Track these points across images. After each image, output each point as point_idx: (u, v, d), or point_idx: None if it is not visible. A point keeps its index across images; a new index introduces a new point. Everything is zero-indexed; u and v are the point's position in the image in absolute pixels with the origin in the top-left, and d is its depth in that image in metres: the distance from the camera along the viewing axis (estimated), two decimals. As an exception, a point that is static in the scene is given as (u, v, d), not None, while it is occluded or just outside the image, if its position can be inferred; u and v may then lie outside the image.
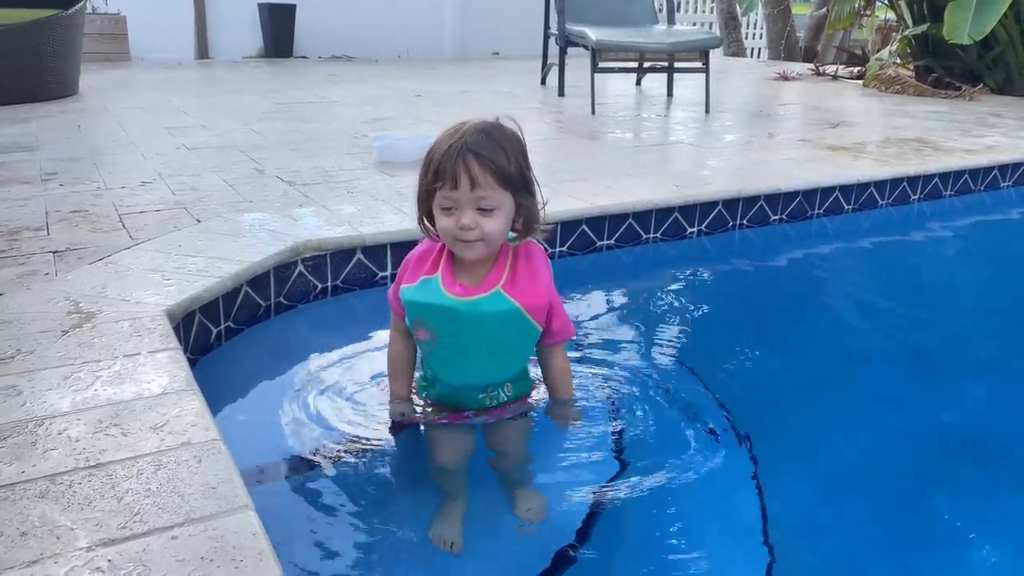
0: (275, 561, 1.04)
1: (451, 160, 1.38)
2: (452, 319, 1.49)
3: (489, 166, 1.39)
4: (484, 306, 1.48)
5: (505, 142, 1.42)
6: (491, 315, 1.48)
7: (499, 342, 1.53)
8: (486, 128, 1.42)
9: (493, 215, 1.42)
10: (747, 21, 13.27)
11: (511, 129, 1.46)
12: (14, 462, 1.22)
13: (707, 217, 3.17)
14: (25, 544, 1.04)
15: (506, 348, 1.56)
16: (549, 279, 1.55)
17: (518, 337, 1.55)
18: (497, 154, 1.40)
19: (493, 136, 1.41)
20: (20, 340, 1.64)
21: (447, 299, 1.49)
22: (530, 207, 1.47)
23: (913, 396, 2.14)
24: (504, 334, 1.52)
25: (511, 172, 1.41)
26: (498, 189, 1.40)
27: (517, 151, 1.44)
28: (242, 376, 1.95)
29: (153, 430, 1.32)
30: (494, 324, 1.49)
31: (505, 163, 1.40)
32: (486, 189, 1.39)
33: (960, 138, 4.70)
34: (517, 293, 1.49)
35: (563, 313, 1.59)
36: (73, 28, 5.44)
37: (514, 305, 1.48)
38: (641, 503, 1.56)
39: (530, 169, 1.47)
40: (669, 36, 5.78)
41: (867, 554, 1.49)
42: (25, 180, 3.06)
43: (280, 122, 4.71)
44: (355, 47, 9.62)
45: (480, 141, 1.39)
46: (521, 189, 1.44)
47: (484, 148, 1.39)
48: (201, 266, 2.12)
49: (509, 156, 1.41)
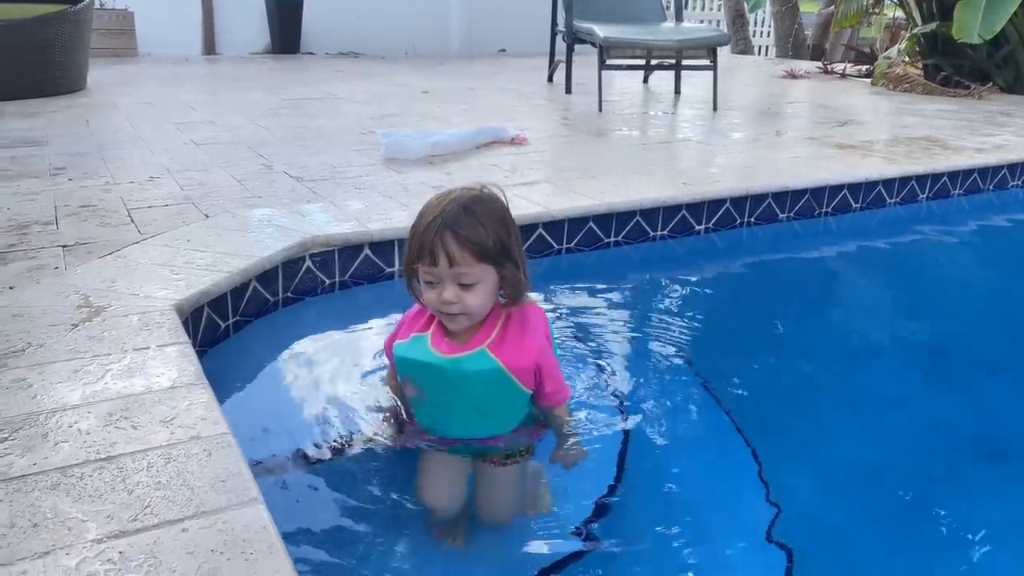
0: (285, 554, 1.04)
1: (430, 237, 1.38)
2: (436, 376, 1.49)
3: (467, 244, 1.37)
4: (467, 364, 1.46)
5: (485, 216, 1.40)
6: (473, 374, 1.46)
7: (483, 401, 1.51)
8: (466, 202, 1.41)
9: (474, 289, 1.41)
10: (754, 19, 13.23)
11: (493, 200, 1.44)
12: (26, 454, 1.22)
13: (715, 215, 3.17)
14: (37, 535, 1.05)
15: (491, 408, 1.53)
16: (541, 341, 1.52)
17: (503, 397, 1.51)
18: (475, 231, 1.38)
19: (473, 211, 1.40)
20: (30, 333, 1.64)
21: (433, 356, 1.48)
22: (514, 276, 1.45)
23: (921, 395, 2.13)
24: (487, 393, 1.50)
25: (489, 248, 1.39)
26: (477, 265, 1.39)
27: (498, 224, 1.42)
28: (250, 370, 1.95)
29: (163, 423, 1.32)
30: (477, 383, 1.48)
31: (483, 239, 1.39)
32: (465, 266, 1.39)
33: (969, 137, 4.69)
34: (502, 353, 1.47)
35: (557, 376, 1.56)
36: (81, 23, 5.45)
37: (497, 364, 1.46)
38: (646, 501, 1.57)
39: (513, 237, 1.45)
40: (677, 33, 5.76)
41: (876, 553, 1.49)
42: (34, 175, 3.07)
43: (287, 118, 4.71)
44: (362, 44, 9.61)
45: (459, 218, 1.38)
46: (502, 262, 1.42)
47: (462, 225, 1.38)
48: (210, 261, 2.13)
49: (488, 231, 1.39)
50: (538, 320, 1.54)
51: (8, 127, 4.08)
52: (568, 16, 5.95)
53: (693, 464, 1.71)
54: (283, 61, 8.58)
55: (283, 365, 1.98)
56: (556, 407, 1.58)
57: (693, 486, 1.63)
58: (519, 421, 1.57)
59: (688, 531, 1.50)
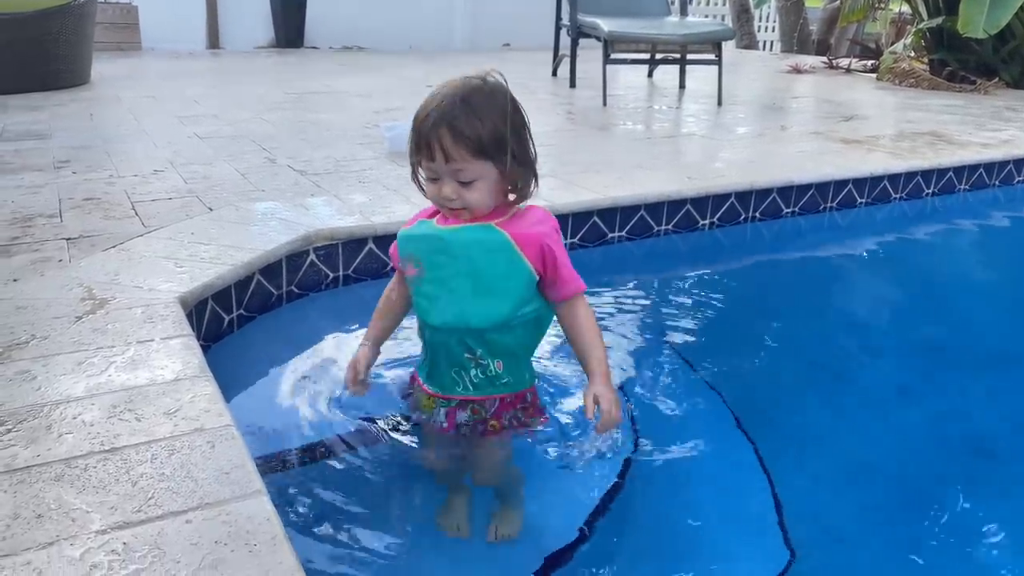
0: (288, 546, 1.04)
1: (426, 131, 1.33)
2: (437, 248, 1.42)
3: (462, 139, 1.31)
4: (470, 232, 1.40)
5: (484, 109, 1.33)
6: (475, 242, 1.39)
7: (483, 274, 1.40)
8: (465, 93, 1.34)
9: (473, 186, 1.35)
10: (759, 13, 13.19)
11: (495, 90, 1.36)
12: (30, 445, 1.22)
13: (719, 209, 3.16)
14: (41, 526, 1.05)
15: (490, 283, 1.41)
16: (550, 231, 1.42)
17: (505, 272, 1.40)
18: (471, 124, 1.31)
19: (471, 103, 1.33)
20: (35, 325, 1.64)
21: (435, 229, 1.43)
22: (516, 171, 1.38)
23: (924, 392, 2.13)
24: (489, 266, 1.40)
25: (485, 142, 1.32)
26: (474, 161, 1.33)
27: (496, 117, 1.33)
28: (254, 363, 1.95)
29: (167, 415, 1.32)
30: (479, 252, 1.40)
31: (479, 134, 1.31)
32: (460, 162, 1.33)
33: (975, 132, 4.67)
34: (508, 227, 1.40)
35: (568, 265, 1.43)
36: (85, 17, 5.45)
37: (502, 234, 1.39)
38: (648, 498, 1.56)
39: (514, 129, 1.36)
40: (682, 28, 5.74)
41: (877, 551, 1.48)
42: (38, 168, 3.07)
43: (291, 112, 4.71)
44: (366, 38, 9.61)
45: (454, 110, 1.31)
46: (500, 157, 1.34)
47: (458, 118, 1.31)
48: (213, 254, 2.13)
49: (484, 125, 1.32)
50: (548, 219, 1.46)
51: (12, 120, 4.08)
52: (572, 10, 5.94)
53: (695, 461, 1.71)
54: (287, 55, 8.57)
55: (287, 359, 1.98)
56: (572, 300, 1.46)
57: (695, 482, 1.63)
58: (520, 315, 1.44)
59: (690, 528, 1.50)
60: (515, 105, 1.39)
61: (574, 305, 1.46)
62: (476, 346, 1.46)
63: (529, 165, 1.41)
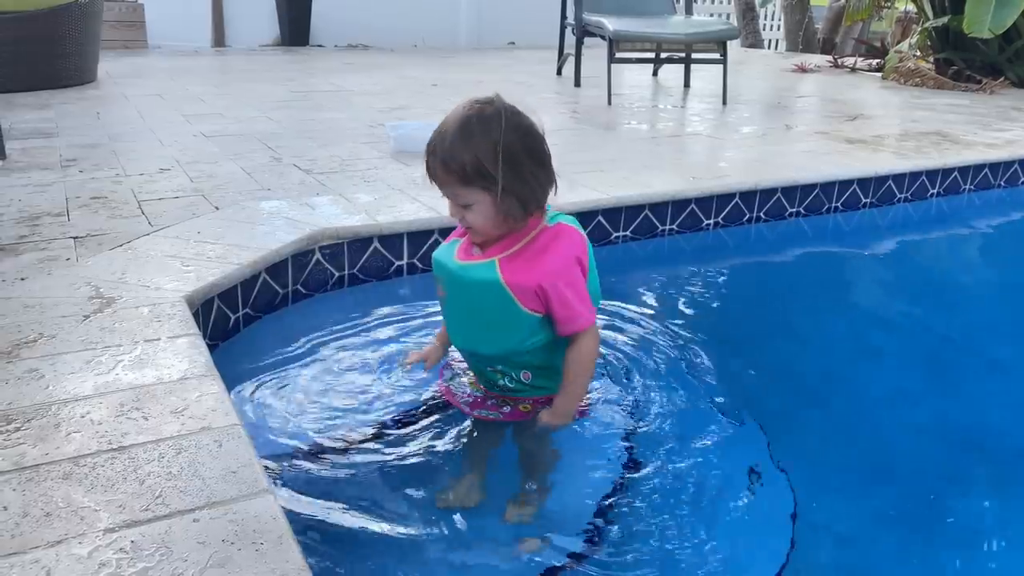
0: (295, 545, 1.05)
1: (427, 159, 1.41)
2: (451, 280, 1.51)
3: (451, 168, 1.37)
4: (472, 273, 1.46)
5: (475, 138, 1.36)
6: (473, 283, 1.46)
7: (479, 313, 1.49)
8: (463, 120, 1.38)
9: (472, 209, 1.41)
10: (764, 12, 13.17)
11: (490, 117, 1.38)
12: (38, 444, 1.23)
13: (724, 209, 3.16)
14: (50, 524, 1.06)
15: (488, 321, 1.49)
16: (557, 263, 1.44)
17: (500, 313, 1.46)
18: (457, 155, 1.36)
19: (465, 131, 1.36)
20: (43, 324, 1.65)
21: (451, 261, 1.51)
22: (518, 195, 1.39)
23: (932, 392, 2.13)
24: (484, 306, 1.47)
25: (469, 172, 1.36)
26: (463, 188, 1.39)
27: (485, 145, 1.36)
28: (260, 362, 1.96)
29: (174, 414, 1.33)
30: (475, 293, 1.47)
31: (463, 163, 1.36)
32: (453, 188, 1.40)
33: (981, 132, 4.66)
34: (508, 268, 1.43)
35: (572, 303, 1.45)
36: (92, 15, 5.46)
37: (497, 278, 1.43)
38: (656, 497, 1.57)
39: (513, 155, 1.37)
40: (687, 27, 5.74)
41: (883, 550, 1.49)
42: (45, 166, 3.09)
43: (297, 110, 4.72)
44: (371, 36, 9.61)
45: (446, 140, 1.37)
46: (488, 184, 1.37)
47: (449, 148, 1.36)
48: (220, 253, 2.14)
49: (469, 154, 1.36)
50: (569, 242, 1.47)
51: (19, 118, 4.10)
52: (578, 9, 5.94)
53: (700, 461, 1.71)
54: (292, 53, 8.58)
55: (293, 357, 1.99)
56: (571, 339, 1.49)
57: (700, 482, 1.63)
58: (530, 345, 1.50)
59: (695, 528, 1.50)
60: (522, 132, 1.40)
61: (574, 340, 1.50)
62: (496, 364, 1.57)
63: (526, 194, 1.41)
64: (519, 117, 1.41)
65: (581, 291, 1.47)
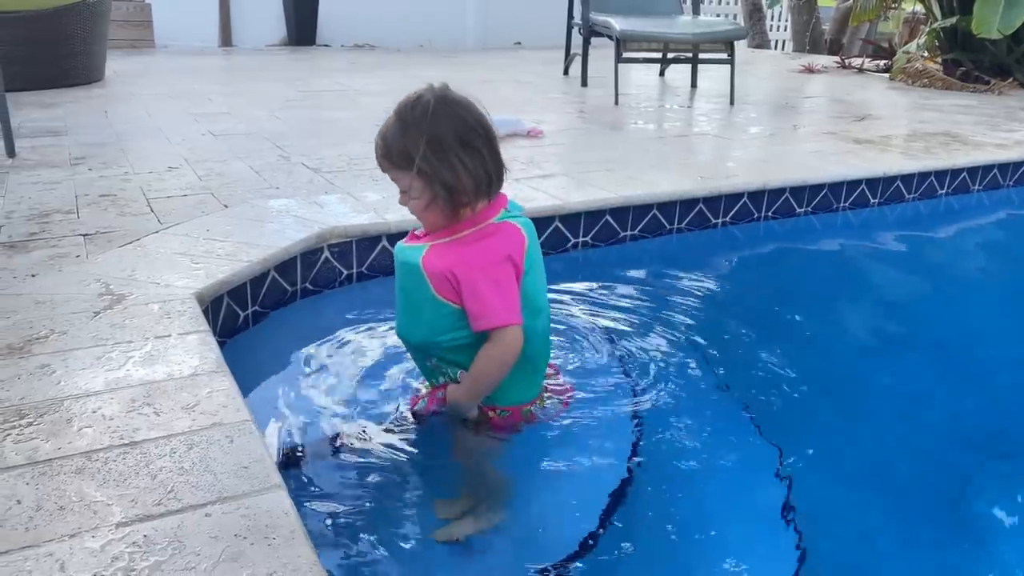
0: (307, 540, 1.05)
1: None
2: (394, 262, 1.58)
3: (384, 153, 1.45)
4: (404, 253, 1.53)
5: (408, 123, 1.41)
6: (401, 264, 1.54)
7: (403, 294, 1.56)
8: (399, 109, 1.44)
9: (410, 194, 1.46)
10: (772, 13, 13.15)
11: (420, 104, 1.41)
12: (51, 439, 1.24)
13: (732, 209, 3.16)
14: (63, 518, 1.06)
15: (408, 304, 1.55)
16: (477, 255, 1.44)
17: (416, 295, 1.49)
18: (392, 140, 1.43)
19: (402, 117, 1.43)
20: (54, 320, 1.66)
21: (399, 244, 1.58)
22: (444, 181, 1.41)
23: (937, 391, 2.12)
24: (406, 287, 1.54)
25: (393, 154, 1.43)
26: (400, 172, 1.45)
27: (412, 132, 1.40)
28: (269, 358, 1.96)
29: (185, 410, 1.34)
30: (402, 273, 1.54)
31: (389, 146, 1.43)
32: (392, 172, 1.47)
33: (989, 132, 4.65)
34: (433, 253, 1.47)
35: (486, 297, 1.43)
36: (100, 15, 5.48)
37: (417, 261, 1.47)
38: (659, 497, 1.57)
39: (439, 142, 1.39)
40: (694, 27, 5.73)
41: (891, 549, 1.48)
42: (54, 164, 3.10)
43: (304, 110, 4.73)
44: (378, 36, 9.63)
45: (386, 128, 1.45)
46: (410, 169, 1.41)
47: (385, 134, 1.44)
48: (229, 251, 2.14)
49: (397, 139, 1.41)
50: (502, 239, 1.47)
51: (28, 117, 4.11)
52: (584, 9, 5.94)
53: (708, 459, 1.71)
54: (299, 53, 8.60)
55: (302, 354, 1.99)
56: (487, 334, 1.46)
57: (707, 481, 1.63)
58: (450, 340, 1.51)
59: (702, 528, 1.50)
60: (452, 119, 1.42)
61: (488, 339, 1.47)
62: (430, 356, 1.59)
63: (451, 181, 1.41)
64: (453, 106, 1.42)
65: (504, 289, 1.45)
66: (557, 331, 2.19)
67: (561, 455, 1.64)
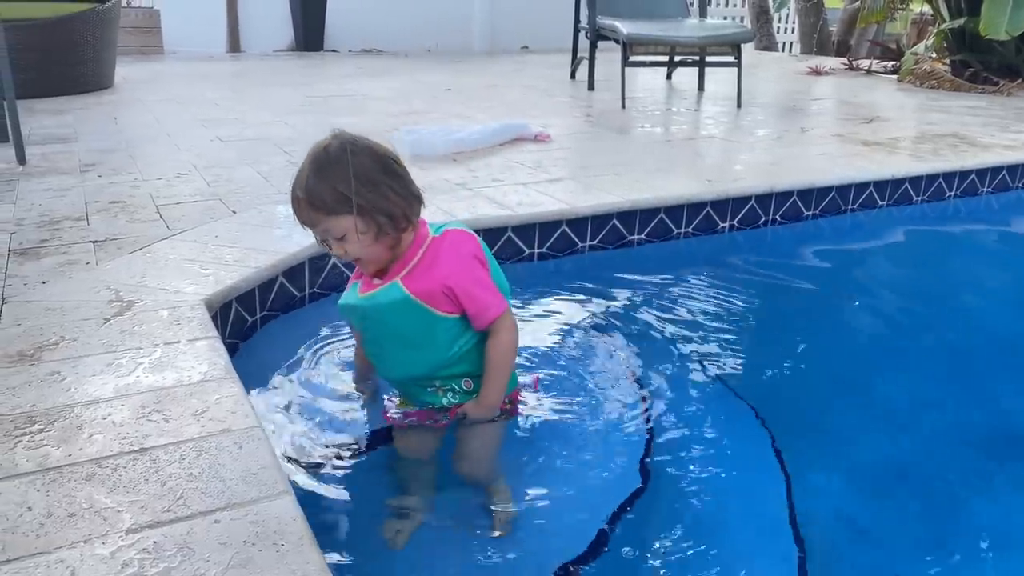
0: (315, 546, 1.05)
1: (293, 206, 1.47)
2: (362, 316, 1.56)
3: (315, 204, 1.43)
4: (379, 298, 1.52)
5: (326, 172, 1.43)
6: (385, 306, 1.51)
7: (404, 333, 1.54)
8: (313, 159, 1.45)
9: (346, 239, 1.46)
10: (778, 15, 13.12)
11: (335, 153, 1.44)
12: (61, 445, 1.25)
13: (739, 212, 3.15)
14: (73, 525, 1.07)
15: (414, 339, 1.54)
16: (454, 263, 1.51)
17: (422, 326, 1.51)
18: (319, 189, 1.42)
19: (319, 165, 1.43)
20: (64, 327, 1.67)
21: (356, 298, 1.56)
22: (383, 211, 1.45)
23: (948, 394, 2.11)
24: (404, 324, 1.52)
25: (328, 202, 1.42)
26: (333, 219, 1.44)
27: (336, 176, 1.42)
28: (278, 363, 1.97)
29: (194, 416, 1.34)
30: (390, 315, 1.51)
31: (322, 196, 1.42)
32: (323, 224, 1.45)
33: (998, 134, 4.63)
34: (411, 281, 1.50)
35: (479, 296, 1.51)
36: (109, 22, 5.52)
37: (404, 293, 1.49)
38: (668, 501, 1.56)
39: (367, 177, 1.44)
40: (701, 29, 5.73)
41: (898, 551, 1.48)
42: (64, 171, 3.12)
43: (312, 115, 4.74)
44: (385, 41, 9.66)
45: (305, 180, 1.44)
46: (347, 209, 1.43)
47: (308, 187, 1.43)
48: (237, 256, 2.15)
49: (326, 186, 1.42)
50: (460, 242, 1.55)
51: (39, 124, 4.14)
52: (591, 12, 5.94)
53: (716, 463, 1.71)
54: (307, 58, 8.63)
55: (310, 359, 2.00)
56: (491, 328, 1.54)
57: (716, 486, 1.63)
58: (458, 350, 1.55)
59: (710, 532, 1.50)
60: (369, 154, 1.47)
61: (492, 331, 1.55)
62: (435, 381, 1.60)
63: (391, 208, 1.46)
64: (364, 142, 1.49)
65: (486, 283, 1.54)
66: (566, 335, 2.19)
67: (572, 459, 1.64)
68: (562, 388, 1.86)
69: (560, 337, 2.18)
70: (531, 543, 1.43)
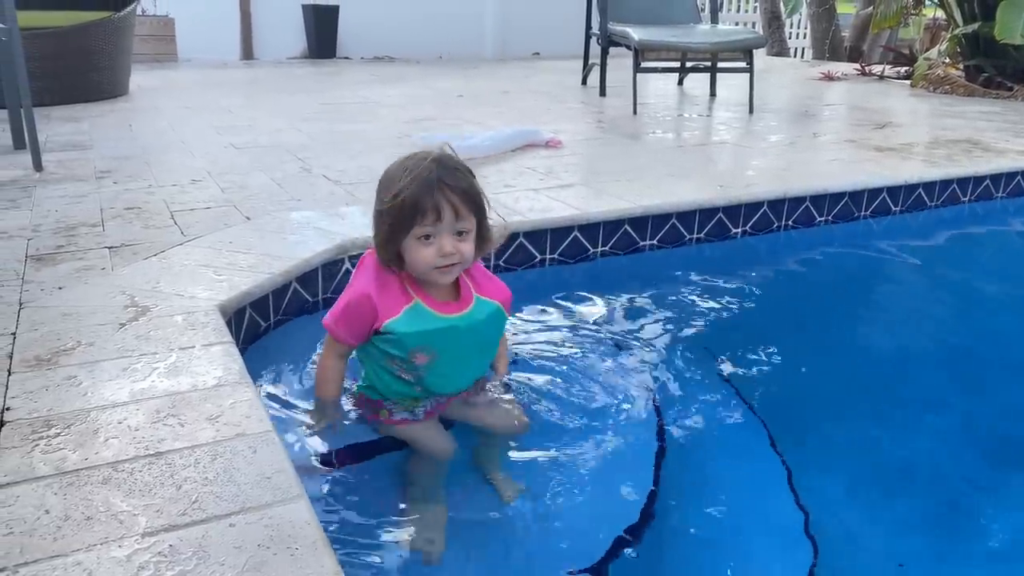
0: (329, 550, 1.06)
1: (431, 195, 1.45)
2: (454, 337, 1.58)
3: (466, 196, 1.49)
4: (476, 315, 1.60)
5: (466, 172, 1.52)
6: (483, 321, 1.61)
7: (489, 341, 1.70)
8: (445, 160, 1.50)
9: (466, 238, 1.52)
10: (791, 21, 13.10)
11: (454, 159, 1.53)
12: (78, 449, 1.26)
13: (752, 218, 3.15)
14: (90, 528, 1.08)
15: (491, 344, 1.72)
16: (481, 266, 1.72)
17: (500, 331, 1.72)
18: (470, 184, 1.51)
19: (458, 168, 1.51)
20: (80, 332, 1.69)
21: (445, 320, 1.57)
22: (487, 226, 1.58)
23: (955, 399, 2.11)
24: (492, 333, 1.69)
25: (478, 200, 1.52)
26: (471, 216, 1.52)
27: (474, 179, 1.54)
28: (291, 369, 1.98)
29: (209, 421, 1.35)
30: (486, 328, 1.63)
31: (476, 192, 1.52)
32: (465, 218, 1.50)
33: (1013, 139, 4.60)
34: (490, 295, 1.64)
35: (503, 286, 1.71)
36: (124, 30, 5.57)
37: (496, 305, 1.64)
38: (679, 506, 1.56)
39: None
40: (713, 35, 5.73)
41: (905, 557, 1.47)
42: (80, 178, 3.15)
43: (325, 122, 4.77)
44: (397, 48, 9.70)
45: (453, 174, 1.48)
46: (484, 212, 1.55)
47: (459, 180, 1.48)
48: (251, 262, 2.16)
49: (475, 184, 1.52)
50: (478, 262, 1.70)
51: (55, 131, 4.18)
52: (603, 19, 5.95)
53: (726, 468, 1.71)
54: (319, 65, 8.68)
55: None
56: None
57: (726, 490, 1.63)
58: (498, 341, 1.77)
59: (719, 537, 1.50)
60: None
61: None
62: (483, 375, 1.76)
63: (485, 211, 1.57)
64: None
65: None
66: (577, 341, 2.20)
67: (585, 465, 1.64)
68: (574, 394, 1.87)
69: (571, 343, 2.18)
70: (546, 549, 1.44)
